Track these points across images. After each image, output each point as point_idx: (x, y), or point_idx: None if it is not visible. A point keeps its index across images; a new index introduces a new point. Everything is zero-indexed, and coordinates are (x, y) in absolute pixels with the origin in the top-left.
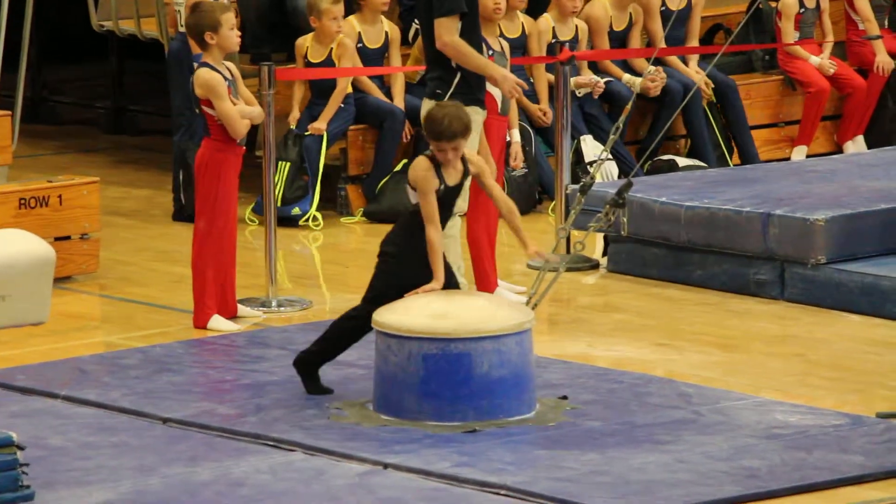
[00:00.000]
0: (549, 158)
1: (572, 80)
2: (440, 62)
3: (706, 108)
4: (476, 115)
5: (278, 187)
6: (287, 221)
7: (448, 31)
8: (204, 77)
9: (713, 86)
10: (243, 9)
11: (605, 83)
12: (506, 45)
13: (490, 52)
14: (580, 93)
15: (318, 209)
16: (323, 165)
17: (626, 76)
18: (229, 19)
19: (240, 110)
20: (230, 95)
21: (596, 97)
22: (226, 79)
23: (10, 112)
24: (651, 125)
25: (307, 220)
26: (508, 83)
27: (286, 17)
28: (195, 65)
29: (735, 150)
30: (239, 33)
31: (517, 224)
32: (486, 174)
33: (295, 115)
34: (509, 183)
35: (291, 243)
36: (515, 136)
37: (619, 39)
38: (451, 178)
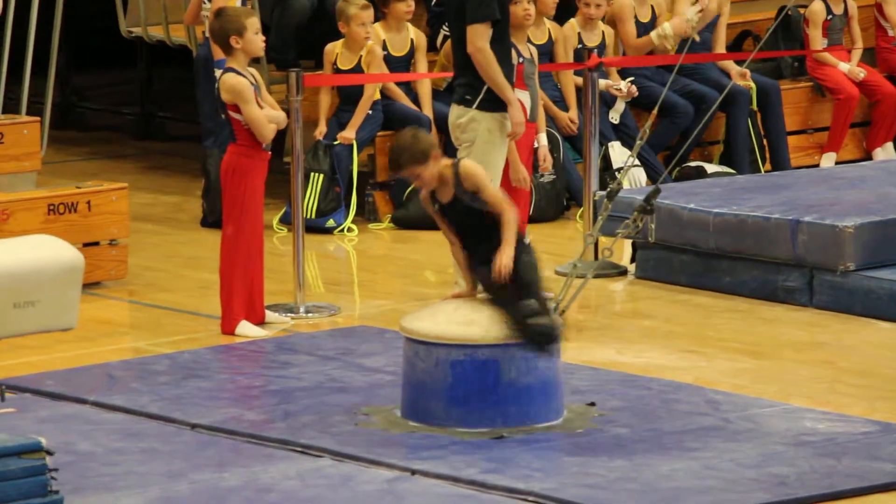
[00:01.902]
0: (577, 165)
1: (602, 83)
2: (470, 68)
3: (748, 113)
4: (505, 121)
5: (313, 199)
6: (321, 231)
7: (480, 38)
8: (230, 82)
9: (752, 90)
10: (285, 17)
11: (635, 84)
12: (534, 51)
13: (520, 59)
14: (614, 118)
15: (345, 215)
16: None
17: (653, 33)
18: (254, 24)
19: (266, 114)
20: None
21: (630, 97)
22: (251, 83)
23: (39, 118)
24: (683, 131)
25: (342, 230)
26: (517, 119)
27: (321, 24)
28: (217, 71)
29: (768, 155)
30: (263, 38)
31: (504, 236)
32: (481, 190)
33: (322, 129)
34: (537, 189)
35: (321, 248)
36: (542, 140)
37: (644, 33)
38: (444, 196)
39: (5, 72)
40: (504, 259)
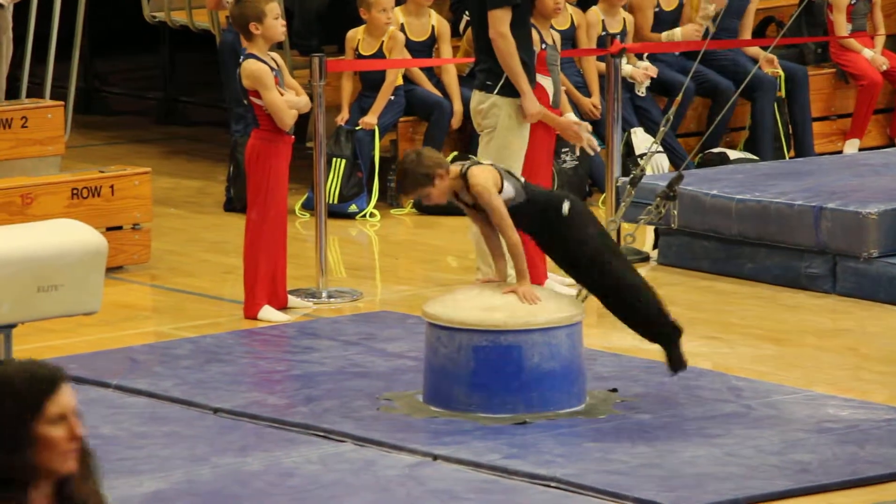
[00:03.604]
0: (600, 150)
1: (626, 69)
2: (490, 54)
3: (777, 99)
4: None
5: (335, 185)
6: (343, 217)
7: (502, 23)
8: (250, 68)
9: (780, 77)
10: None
11: (656, 69)
12: (557, 37)
13: (543, 45)
14: (641, 90)
15: (367, 201)
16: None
17: (665, 33)
18: (274, 9)
19: (287, 100)
20: (277, 86)
21: (652, 76)
22: (272, 69)
23: (62, 102)
24: (707, 118)
25: (365, 216)
26: (530, 110)
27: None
28: (242, 58)
29: (792, 142)
30: (284, 23)
31: (515, 268)
32: (487, 207)
33: (344, 115)
34: (559, 175)
35: (344, 233)
36: (572, 117)
37: (670, 21)
38: (469, 198)
39: (29, 56)
40: (526, 295)
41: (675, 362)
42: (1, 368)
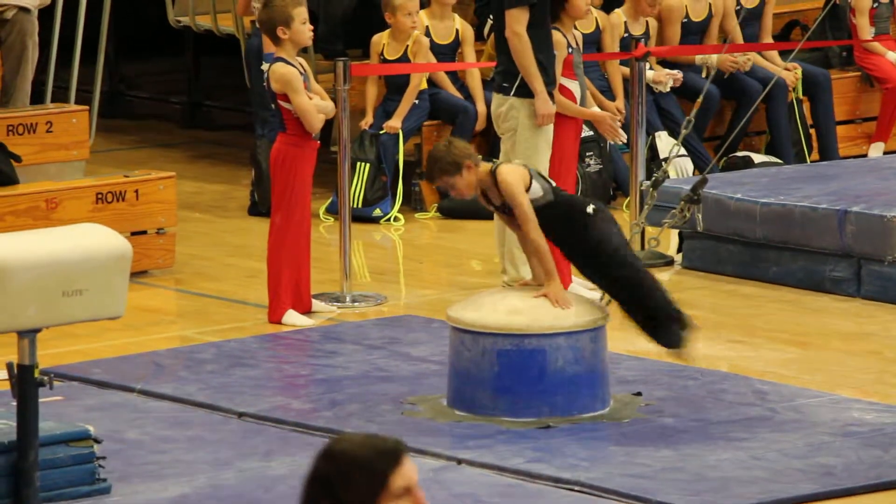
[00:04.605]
0: (624, 154)
1: (649, 74)
2: (508, 55)
3: (794, 102)
4: None
5: (359, 189)
6: (367, 221)
7: (518, 22)
8: (280, 71)
9: (798, 81)
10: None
11: (682, 74)
12: (579, 36)
13: (570, 50)
14: (658, 89)
15: (392, 205)
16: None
17: (699, 56)
18: (301, 13)
19: (315, 104)
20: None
21: (677, 86)
22: (300, 73)
23: (87, 107)
24: (729, 122)
25: (389, 219)
26: (543, 111)
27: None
28: (265, 63)
29: (815, 145)
30: (311, 27)
31: (544, 268)
32: (513, 204)
33: (368, 119)
34: (583, 178)
35: (368, 237)
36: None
37: (698, 32)
38: (496, 199)
39: (54, 60)
40: (557, 298)
41: (674, 340)
42: (343, 445)
